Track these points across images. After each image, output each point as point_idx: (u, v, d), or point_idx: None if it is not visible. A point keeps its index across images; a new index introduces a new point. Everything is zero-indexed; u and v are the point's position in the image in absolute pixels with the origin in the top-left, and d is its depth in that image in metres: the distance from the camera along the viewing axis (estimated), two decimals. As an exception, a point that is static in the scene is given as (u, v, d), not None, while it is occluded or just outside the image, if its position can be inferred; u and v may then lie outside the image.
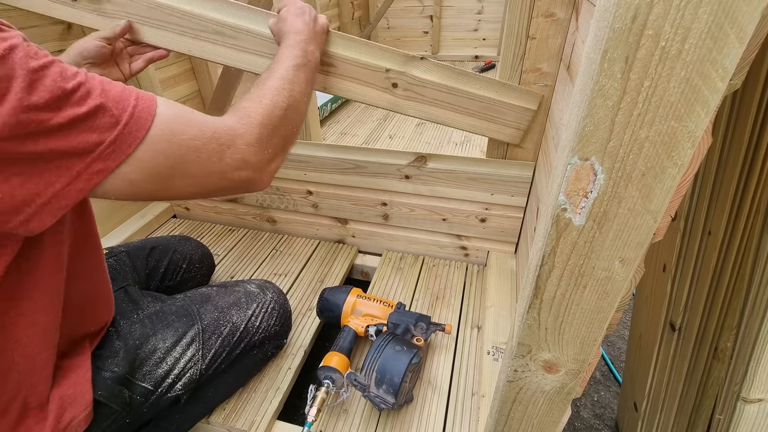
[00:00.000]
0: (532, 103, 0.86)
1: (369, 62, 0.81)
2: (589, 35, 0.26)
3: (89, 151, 0.38)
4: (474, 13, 2.97)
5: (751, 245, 0.57)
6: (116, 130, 0.39)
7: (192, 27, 0.80)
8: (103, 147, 0.38)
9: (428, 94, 0.83)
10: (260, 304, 0.80)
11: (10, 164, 0.35)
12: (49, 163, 0.37)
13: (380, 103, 0.85)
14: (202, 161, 0.45)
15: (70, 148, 0.37)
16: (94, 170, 0.39)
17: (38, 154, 0.36)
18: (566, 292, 0.32)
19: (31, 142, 0.35)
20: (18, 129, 0.34)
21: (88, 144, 0.38)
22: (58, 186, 0.38)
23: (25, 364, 0.52)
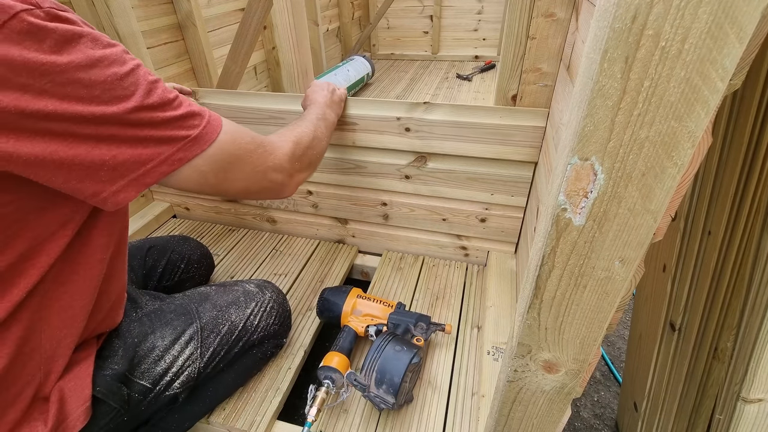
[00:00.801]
0: (540, 120, 0.86)
1: (382, 115, 0.96)
2: (589, 35, 0.26)
3: (177, 142, 0.49)
4: (474, 13, 2.97)
5: (751, 245, 0.57)
6: (197, 130, 0.51)
7: (258, 117, 1.06)
8: (186, 141, 0.50)
9: (437, 131, 0.94)
10: (259, 303, 0.80)
11: (123, 142, 0.46)
12: (148, 147, 0.47)
13: (400, 146, 1.00)
14: (253, 161, 0.58)
15: (165, 137, 0.49)
16: (177, 158, 0.50)
17: (144, 138, 0.47)
18: (566, 292, 0.32)
19: (141, 129, 0.46)
20: (135, 119, 0.46)
21: (177, 137, 0.49)
22: (149, 165, 0.48)
23: (50, 348, 0.54)
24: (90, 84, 0.42)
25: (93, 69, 0.42)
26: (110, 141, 0.45)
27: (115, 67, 0.44)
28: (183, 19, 1.59)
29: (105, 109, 0.43)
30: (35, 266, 0.49)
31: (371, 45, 3.31)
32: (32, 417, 0.53)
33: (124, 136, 0.46)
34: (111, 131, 0.44)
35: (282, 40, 0.94)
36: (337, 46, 3.02)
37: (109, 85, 0.43)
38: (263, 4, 1.14)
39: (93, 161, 0.44)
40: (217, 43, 1.81)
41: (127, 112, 0.45)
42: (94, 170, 0.45)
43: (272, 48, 2.26)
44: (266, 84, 2.32)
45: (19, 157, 0.41)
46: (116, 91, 0.44)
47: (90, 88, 0.42)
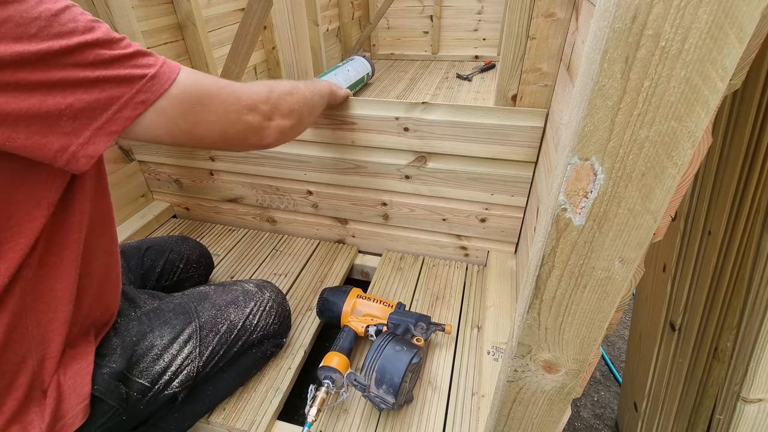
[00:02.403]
0: (538, 120, 0.86)
1: (381, 115, 0.96)
2: (589, 35, 0.26)
3: (135, 82, 0.46)
4: (474, 13, 2.97)
5: (751, 245, 0.57)
6: (153, 69, 0.48)
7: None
8: (145, 80, 0.47)
9: (436, 131, 0.94)
10: (258, 302, 0.80)
11: (76, 86, 0.43)
12: (104, 90, 0.45)
13: (399, 146, 1.00)
14: (222, 100, 0.55)
15: (120, 77, 0.45)
16: (139, 100, 0.47)
17: (97, 80, 0.44)
18: (566, 292, 0.32)
19: (91, 69, 0.44)
20: (82, 59, 0.43)
21: (133, 75, 0.46)
22: (111, 110, 0.46)
23: (37, 334, 0.53)
24: (22, 22, 0.39)
25: (22, 5, 0.39)
26: (62, 86, 0.42)
27: (48, 4, 0.41)
28: (183, 19, 1.59)
29: (48, 46, 0.40)
30: (15, 249, 0.48)
31: (371, 45, 3.31)
32: (29, 410, 0.53)
33: (76, 78, 0.43)
34: (60, 74, 0.42)
35: (282, 40, 0.95)
36: (337, 46, 3.02)
37: (45, 21, 0.41)
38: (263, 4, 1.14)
39: (49, 111, 0.42)
40: (217, 43, 1.80)
41: (71, 49, 0.42)
42: (53, 121, 0.43)
43: (272, 48, 2.26)
44: (266, 84, 2.32)
45: None
46: (54, 28, 0.41)
47: (24, 26, 0.39)
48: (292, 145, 1.08)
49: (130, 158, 1.29)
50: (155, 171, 1.32)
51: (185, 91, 0.51)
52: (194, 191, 1.32)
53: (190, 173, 1.27)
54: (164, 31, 1.52)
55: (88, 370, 0.58)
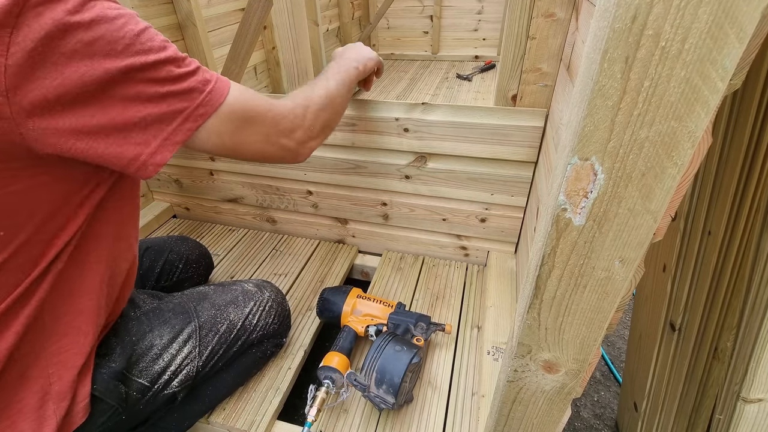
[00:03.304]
0: (538, 120, 0.86)
1: (381, 115, 0.96)
2: (589, 35, 0.26)
3: (196, 97, 0.51)
4: (474, 13, 2.97)
5: (751, 245, 0.57)
6: (211, 85, 0.52)
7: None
8: (205, 94, 0.51)
9: (436, 131, 0.94)
10: (258, 302, 0.80)
11: (149, 100, 0.47)
12: (172, 104, 0.49)
13: (400, 147, 1.00)
14: (265, 123, 0.59)
15: (185, 92, 0.50)
16: (199, 113, 0.51)
17: (166, 94, 0.48)
18: (566, 292, 0.32)
19: (162, 85, 0.48)
20: (156, 76, 0.47)
21: (196, 90, 0.51)
22: (176, 122, 0.50)
23: (54, 327, 0.55)
24: (112, 39, 0.44)
25: (112, 25, 0.44)
26: (138, 100, 0.46)
27: (131, 25, 0.46)
28: (183, 19, 1.59)
29: (131, 62, 0.45)
30: (54, 244, 0.52)
31: (371, 45, 3.31)
32: (47, 406, 0.54)
33: (150, 93, 0.47)
34: (137, 89, 0.46)
35: (282, 40, 0.95)
36: (337, 46, 3.02)
37: (129, 40, 0.45)
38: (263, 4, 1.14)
39: (126, 122, 0.46)
40: (217, 43, 1.80)
41: (148, 66, 0.46)
42: (127, 132, 0.47)
43: (272, 48, 2.26)
44: (266, 84, 2.32)
45: (66, 130, 0.44)
46: (135, 46, 0.45)
47: (113, 43, 0.44)
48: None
49: (130, 158, 1.29)
50: (155, 171, 1.31)
51: (234, 108, 0.55)
52: (194, 191, 1.32)
53: (190, 173, 1.27)
54: (164, 31, 1.52)
55: (88, 369, 0.58)
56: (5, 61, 0.39)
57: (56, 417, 0.54)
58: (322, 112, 0.68)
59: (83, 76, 0.42)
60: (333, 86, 0.71)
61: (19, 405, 0.53)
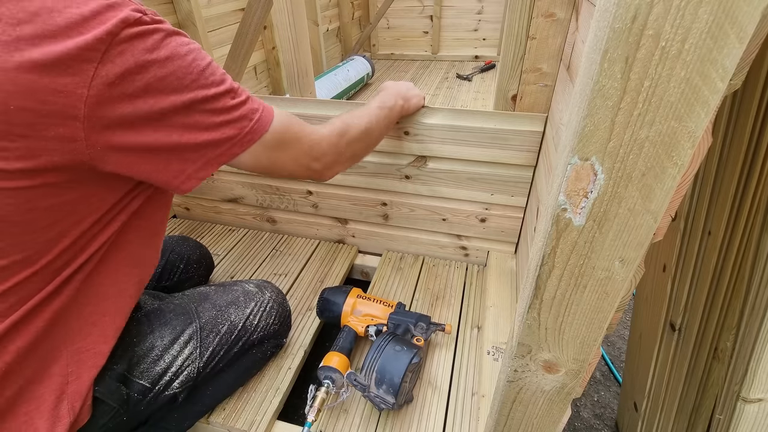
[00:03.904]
0: (538, 125, 0.86)
1: None
2: (589, 35, 0.26)
3: (245, 126, 0.55)
4: (474, 13, 2.97)
5: (751, 245, 0.57)
6: (258, 114, 0.57)
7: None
8: (252, 123, 0.56)
9: (436, 134, 0.95)
10: (258, 303, 0.80)
11: (206, 129, 0.52)
12: (225, 131, 0.53)
13: (400, 149, 1.00)
14: (298, 148, 0.63)
15: (236, 121, 0.54)
16: (246, 140, 0.56)
17: (221, 123, 0.53)
18: (566, 292, 0.32)
19: (218, 115, 0.52)
20: (214, 107, 0.52)
21: (245, 119, 0.55)
22: (224, 147, 0.54)
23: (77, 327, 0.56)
24: (181, 75, 0.48)
25: (183, 61, 0.48)
26: (196, 128, 0.51)
27: (198, 61, 0.50)
28: (183, 19, 1.58)
29: (195, 95, 0.49)
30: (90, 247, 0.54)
31: (371, 45, 3.31)
32: (62, 405, 0.54)
33: (207, 122, 0.51)
34: (196, 118, 0.50)
35: (282, 40, 0.94)
36: (337, 46, 3.02)
37: (196, 75, 0.49)
38: (263, 4, 1.14)
39: (183, 146, 0.51)
40: (217, 43, 1.80)
41: (209, 98, 0.50)
42: (179, 153, 0.51)
43: (272, 48, 2.26)
44: (266, 84, 2.32)
45: (130, 149, 0.48)
46: (200, 81, 0.50)
47: (182, 78, 0.48)
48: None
49: (130, 158, 1.29)
50: (155, 171, 1.31)
51: (275, 136, 0.59)
52: (194, 191, 1.31)
53: (190, 173, 1.27)
54: (164, 31, 1.52)
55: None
56: (87, 92, 0.42)
57: (69, 417, 0.54)
58: (356, 142, 0.72)
59: (153, 107, 0.47)
60: (374, 120, 0.76)
61: (37, 402, 0.53)
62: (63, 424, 0.54)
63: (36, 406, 0.53)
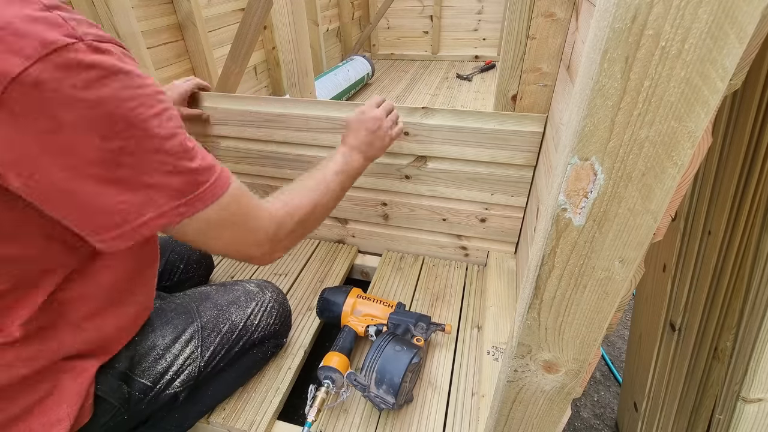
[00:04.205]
0: (538, 125, 0.86)
1: None
2: (589, 35, 0.26)
3: (183, 196, 0.47)
4: (474, 13, 2.97)
5: (751, 245, 0.57)
6: (203, 187, 0.48)
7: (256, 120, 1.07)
8: (192, 196, 0.47)
9: (436, 135, 0.95)
10: (259, 302, 0.80)
11: (136, 188, 0.44)
12: (156, 195, 0.45)
13: (400, 150, 1.00)
14: (239, 231, 0.54)
15: (173, 188, 0.46)
16: (178, 212, 0.47)
17: (153, 185, 0.45)
18: (566, 292, 0.32)
19: (150, 175, 0.44)
20: (151, 163, 0.44)
21: (185, 190, 0.47)
22: (148, 216, 0.45)
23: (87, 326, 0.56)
24: (114, 121, 0.40)
25: (120, 106, 0.40)
26: (120, 183, 0.43)
27: (143, 108, 0.42)
28: (183, 19, 1.59)
29: (122, 145, 0.41)
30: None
31: (371, 45, 3.31)
32: (61, 405, 0.54)
33: (135, 179, 0.43)
34: (122, 173, 0.42)
35: (282, 40, 0.95)
36: (337, 46, 3.02)
37: (132, 123, 0.41)
38: (263, 4, 1.14)
39: (103, 204, 0.43)
40: (217, 43, 1.80)
41: (147, 152, 0.43)
42: (92, 212, 0.43)
43: (272, 48, 2.26)
44: (266, 84, 2.32)
45: (45, 194, 0.41)
46: (136, 131, 0.42)
47: (113, 124, 0.40)
48: (292, 146, 1.08)
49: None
50: (155, 171, 1.31)
51: (221, 210, 0.51)
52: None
53: (190, 173, 1.27)
54: (164, 31, 1.52)
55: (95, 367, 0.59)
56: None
57: (69, 419, 0.54)
58: (301, 226, 0.63)
59: (69, 150, 0.40)
60: (330, 191, 0.69)
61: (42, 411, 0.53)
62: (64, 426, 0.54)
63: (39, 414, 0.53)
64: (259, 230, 0.57)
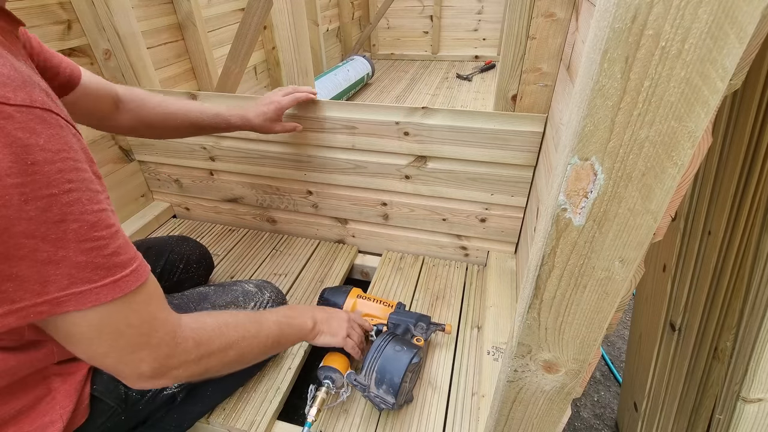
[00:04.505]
0: (538, 125, 0.86)
1: (381, 119, 0.97)
2: (589, 35, 0.26)
3: (77, 284, 0.39)
4: (474, 13, 2.97)
5: (751, 245, 0.57)
6: (100, 282, 0.40)
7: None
8: (90, 289, 0.39)
9: (436, 135, 0.95)
10: (258, 303, 0.80)
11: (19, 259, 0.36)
12: (41, 276, 0.37)
13: (400, 150, 1.00)
14: (137, 340, 0.44)
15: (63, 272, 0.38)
16: (61, 300, 0.38)
17: (40, 261, 0.37)
18: (566, 292, 0.32)
19: (34, 252, 0.37)
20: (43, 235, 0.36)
21: (79, 278, 0.39)
22: (32, 300, 0.37)
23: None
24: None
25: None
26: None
27: (24, 188, 0.35)
28: (183, 19, 1.58)
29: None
30: None
31: (371, 45, 3.31)
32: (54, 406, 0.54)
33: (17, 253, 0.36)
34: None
35: (282, 40, 0.94)
36: (337, 46, 3.02)
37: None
38: (263, 4, 1.14)
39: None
40: (217, 43, 1.80)
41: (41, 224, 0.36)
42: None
43: (272, 48, 2.26)
44: (266, 84, 2.32)
45: None
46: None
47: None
48: (292, 146, 1.08)
49: (130, 158, 1.29)
50: (155, 171, 1.32)
51: (107, 316, 0.42)
52: (194, 191, 1.32)
53: (190, 173, 1.27)
54: (164, 31, 1.52)
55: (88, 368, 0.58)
56: None
57: (62, 421, 0.54)
58: (213, 357, 0.53)
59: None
60: (260, 336, 0.60)
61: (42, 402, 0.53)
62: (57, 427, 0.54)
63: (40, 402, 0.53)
64: (163, 343, 0.46)
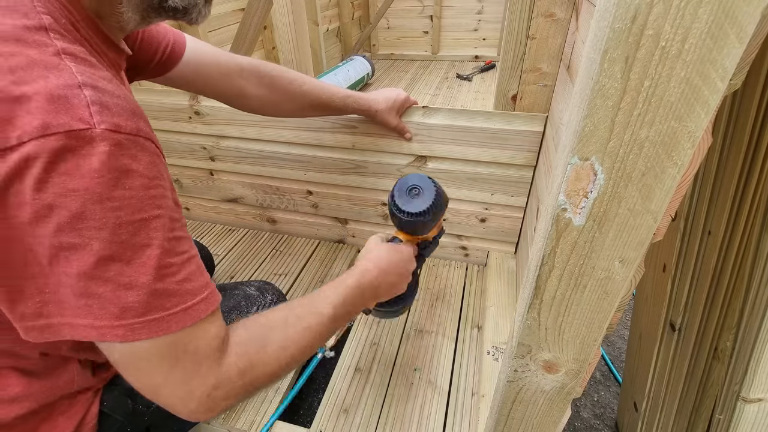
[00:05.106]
0: (538, 125, 0.86)
1: None
2: (589, 35, 0.26)
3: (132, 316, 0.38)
4: (474, 13, 2.97)
5: (751, 245, 0.57)
6: (164, 313, 0.39)
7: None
8: (149, 320, 0.39)
9: (436, 135, 0.95)
10: (260, 307, 0.80)
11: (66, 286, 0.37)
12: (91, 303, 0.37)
13: (400, 149, 1.00)
14: (185, 369, 0.43)
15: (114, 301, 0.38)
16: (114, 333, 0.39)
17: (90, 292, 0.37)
18: (566, 292, 0.32)
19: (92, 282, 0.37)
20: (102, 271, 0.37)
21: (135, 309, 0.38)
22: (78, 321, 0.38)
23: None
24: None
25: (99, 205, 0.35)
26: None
27: (120, 211, 0.36)
28: (183, 19, 1.59)
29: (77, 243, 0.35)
30: None
31: (371, 45, 3.31)
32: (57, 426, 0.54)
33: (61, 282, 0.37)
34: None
35: (282, 40, 0.95)
36: (337, 46, 3.02)
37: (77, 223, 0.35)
38: (263, 4, 1.14)
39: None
40: (217, 44, 1.80)
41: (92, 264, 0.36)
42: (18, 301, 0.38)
43: (272, 48, 2.26)
44: (266, 84, 2.32)
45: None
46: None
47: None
48: (292, 146, 1.08)
49: (130, 158, 1.29)
50: (155, 171, 1.31)
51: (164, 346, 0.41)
52: (194, 191, 1.32)
53: (190, 173, 1.27)
54: (164, 31, 1.52)
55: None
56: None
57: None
58: (264, 380, 0.47)
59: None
60: (310, 343, 0.51)
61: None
62: None
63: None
64: (215, 381, 0.43)
